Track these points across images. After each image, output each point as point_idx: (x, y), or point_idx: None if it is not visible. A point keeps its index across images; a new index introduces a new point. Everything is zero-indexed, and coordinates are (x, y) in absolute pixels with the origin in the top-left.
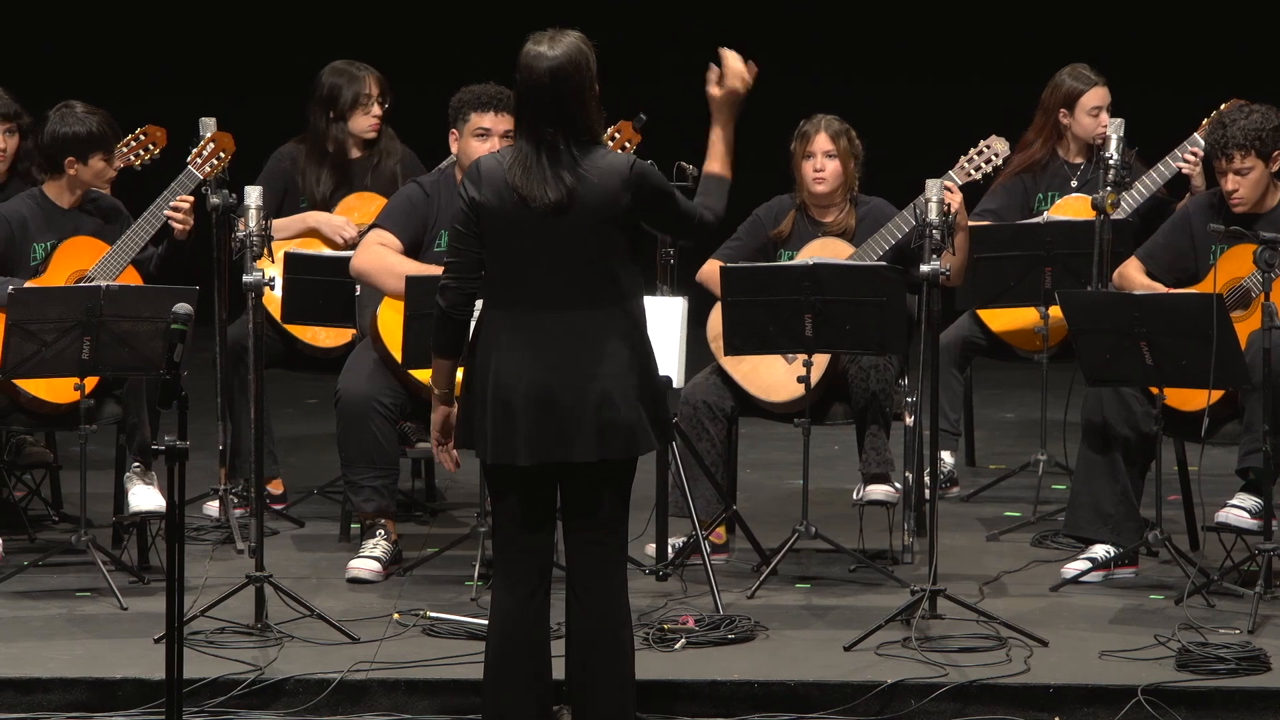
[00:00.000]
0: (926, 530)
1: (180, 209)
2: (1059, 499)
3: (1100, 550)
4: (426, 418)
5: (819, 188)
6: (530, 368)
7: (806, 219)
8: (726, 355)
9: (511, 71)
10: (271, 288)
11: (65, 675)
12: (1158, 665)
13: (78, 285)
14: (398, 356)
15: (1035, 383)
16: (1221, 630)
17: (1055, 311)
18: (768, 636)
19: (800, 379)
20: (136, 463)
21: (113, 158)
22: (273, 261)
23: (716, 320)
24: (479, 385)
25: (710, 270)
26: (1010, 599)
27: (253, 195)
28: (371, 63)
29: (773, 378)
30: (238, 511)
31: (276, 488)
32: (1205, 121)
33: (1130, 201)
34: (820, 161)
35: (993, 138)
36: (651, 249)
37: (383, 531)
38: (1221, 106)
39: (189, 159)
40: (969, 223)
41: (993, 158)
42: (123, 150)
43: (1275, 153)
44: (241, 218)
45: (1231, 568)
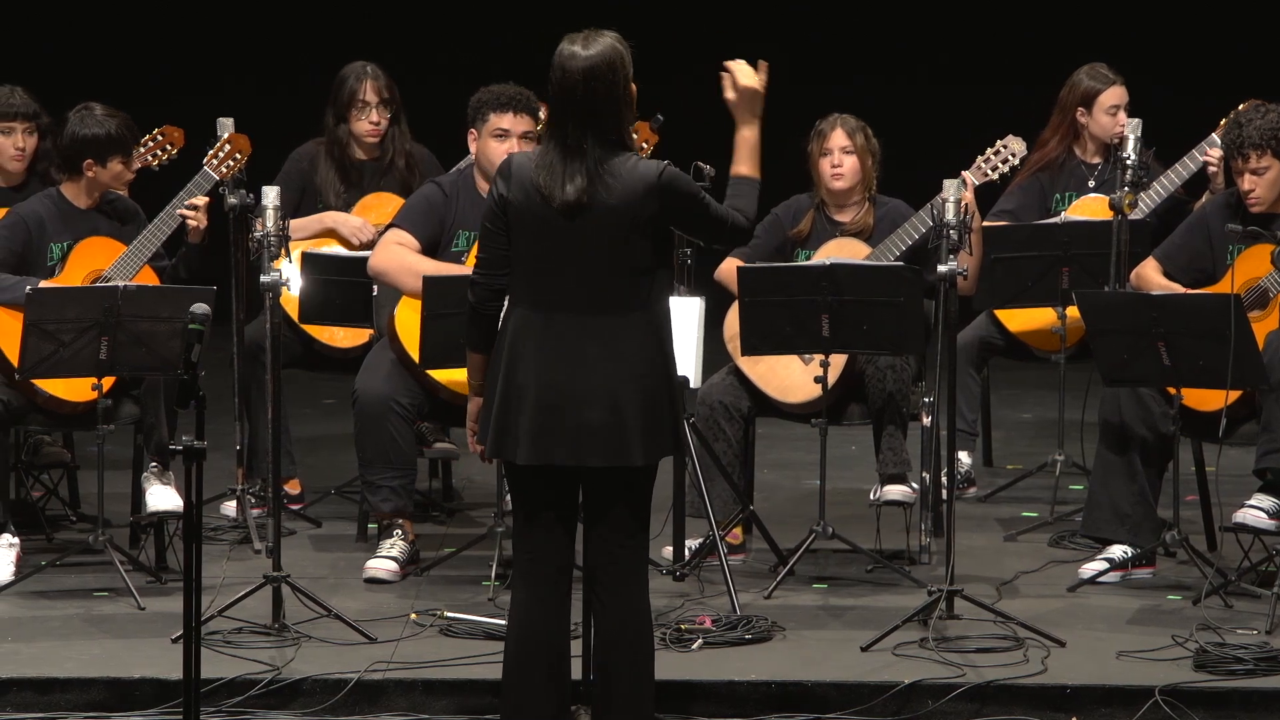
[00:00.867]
0: (944, 531)
1: (195, 208)
2: (1076, 499)
3: (1118, 551)
4: (444, 418)
5: (837, 184)
6: (543, 369)
7: (825, 218)
8: (744, 355)
9: (523, 72)
10: (289, 288)
11: (83, 675)
12: (1175, 666)
13: (95, 285)
14: (415, 356)
15: (1052, 383)
16: (1239, 631)
17: (1073, 312)
18: (785, 637)
19: (817, 379)
20: (154, 463)
21: (131, 160)
22: (290, 261)
23: (733, 320)
24: (492, 381)
25: (728, 269)
26: (1027, 599)
27: (270, 195)
28: (389, 62)
29: (789, 378)
30: (255, 511)
31: (294, 488)
32: (1223, 122)
33: (1148, 202)
34: (838, 158)
35: (1009, 137)
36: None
37: (400, 531)
38: (1239, 107)
39: (205, 160)
40: (984, 223)
41: (1009, 158)
42: (140, 151)
43: None
44: (259, 218)
45: (1249, 568)
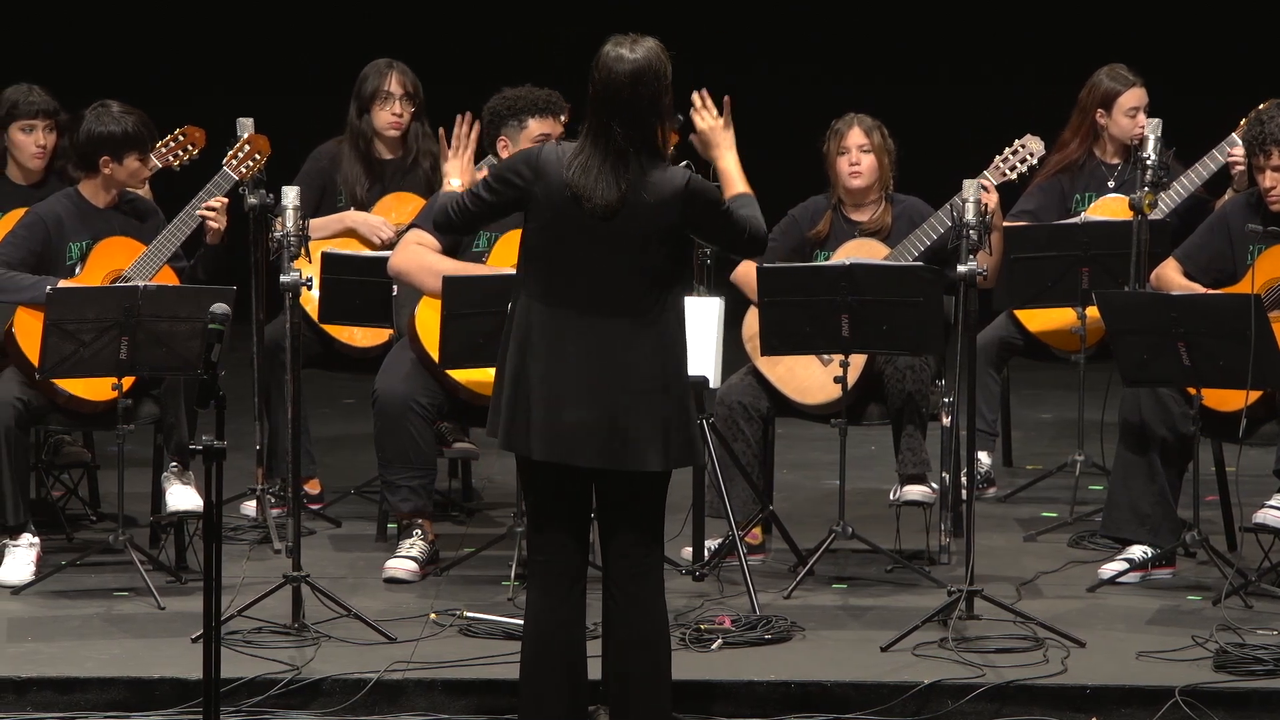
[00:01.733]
0: (963, 531)
1: (214, 208)
2: (1096, 499)
3: (1138, 551)
4: (463, 418)
5: (855, 183)
6: (551, 366)
7: (842, 218)
8: (763, 356)
9: (523, 72)
10: (309, 287)
11: (103, 675)
12: (1195, 666)
13: (115, 285)
14: (435, 357)
15: (1072, 383)
16: (1259, 631)
17: (1093, 312)
18: (804, 637)
19: (836, 379)
20: (174, 462)
21: (148, 158)
22: (310, 261)
23: (752, 321)
24: (500, 371)
25: (745, 271)
26: (1047, 600)
27: (290, 195)
28: (410, 62)
29: (809, 379)
30: (275, 511)
31: (313, 488)
32: (1243, 121)
33: (1168, 202)
34: (855, 156)
35: (1028, 137)
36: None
37: (419, 531)
38: (1260, 105)
39: (224, 160)
40: (1005, 223)
41: (1027, 157)
42: (161, 150)
43: None
44: (279, 218)
45: (1269, 568)
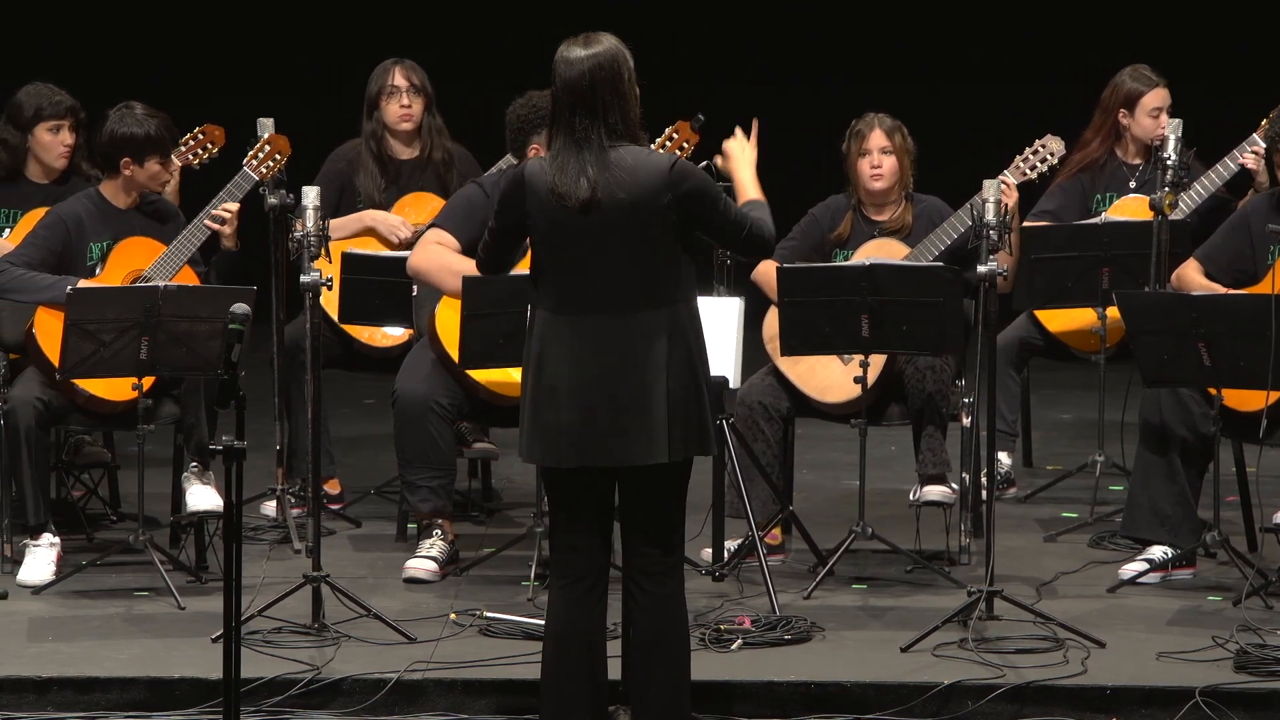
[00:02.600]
0: (983, 531)
1: (221, 218)
2: (1116, 500)
3: (1158, 551)
4: (483, 418)
5: (876, 184)
6: (572, 371)
7: (862, 218)
8: (783, 356)
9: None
10: (328, 288)
11: (123, 675)
12: (1215, 667)
13: (135, 285)
14: (455, 357)
15: (1093, 383)
16: (1279, 631)
17: (1113, 312)
18: (824, 637)
19: (856, 379)
20: (194, 462)
21: (169, 162)
22: (330, 261)
23: (772, 321)
24: (523, 385)
25: (765, 271)
26: (1067, 600)
27: (310, 195)
28: (425, 64)
29: (829, 378)
30: (295, 511)
31: (334, 488)
32: (1264, 121)
33: (1189, 202)
34: (877, 158)
35: (1048, 137)
36: (709, 249)
37: (439, 531)
38: None
39: (245, 160)
40: (1026, 223)
41: (1048, 157)
42: (181, 150)
43: None
44: (299, 218)
45: None
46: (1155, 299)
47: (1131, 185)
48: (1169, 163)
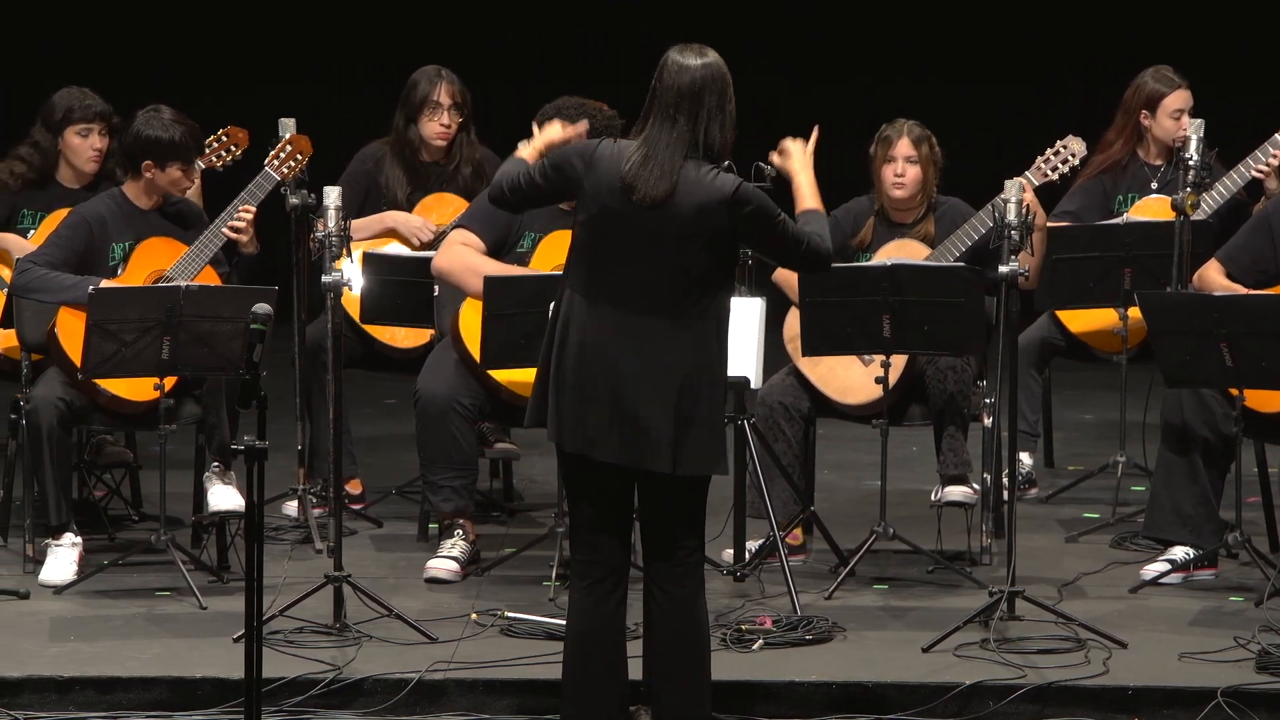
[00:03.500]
0: (1005, 532)
1: (237, 226)
2: (1138, 500)
3: (1180, 552)
4: (505, 418)
5: (897, 193)
6: (586, 361)
7: (884, 224)
8: (804, 356)
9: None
10: (350, 288)
11: (145, 674)
12: (1237, 667)
13: (157, 285)
14: (478, 357)
15: (1114, 384)
16: None
17: (1134, 313)
18: (845, 637)
19: (878, 380)
20: (216, 462)
21: (191, 169)
22: (352, 261)
23: (794, 321)
24: (544, 364)
25: (786, 272)
26: (1089, 601)
27: (332, 196)
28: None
29: (850, 379)
30: (316, 511)
31: (355, 488)
32: None
33: (1210, 203)
34: (901, 166)
35: (1070, 137)
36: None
37: (461, 531)
38: None
39: (266, 161)
40: (1048, 223)
41: (1069, 158)
42: (205, 151)
43: None
44: (321, 218)
45: None
46: (1177, 299)
47: (1153, 186)
48: (1191, 163)
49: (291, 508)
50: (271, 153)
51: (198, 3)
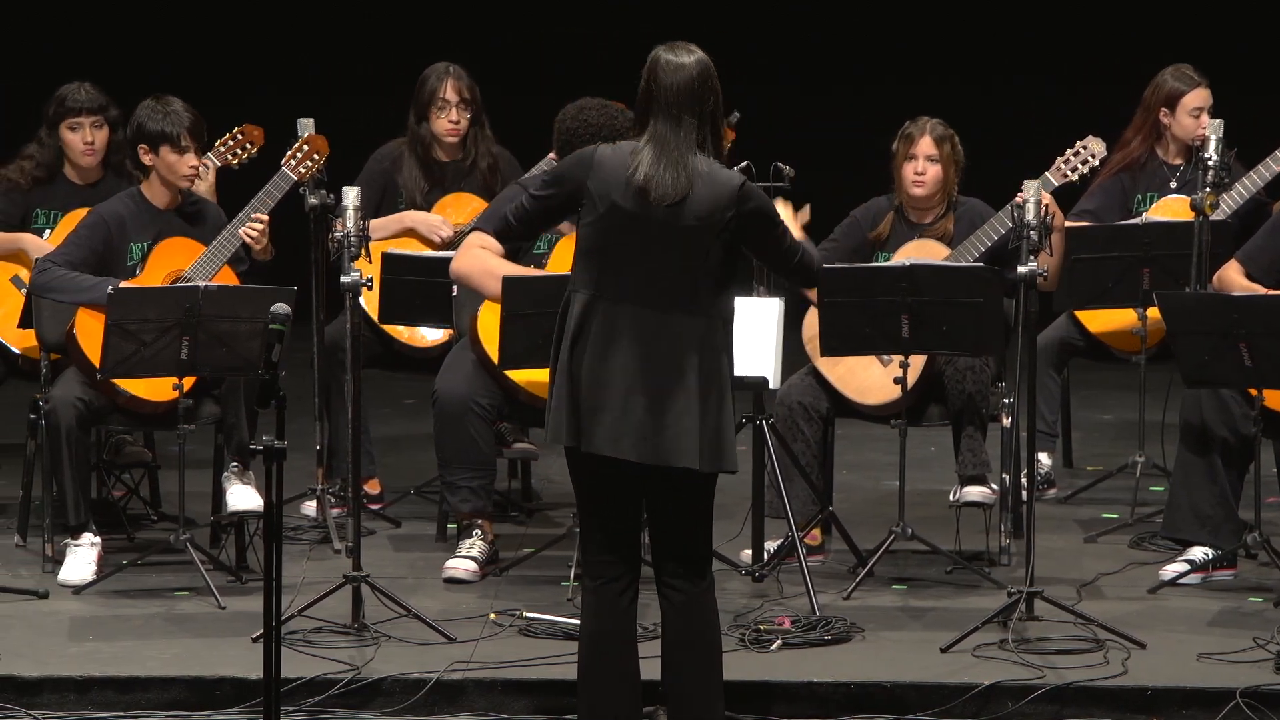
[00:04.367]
0: (1024, 532)
1: (251, 233)
2: (1157, 501)
3: (1198, 552)
4: (523, 419)
5: (917, 190)
6: (593, 358)
7: (904, 221)
8: (823, 356)
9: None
10: (369, 288)
11: (163, 674)
12: (1256, 668)
13: (176, 285)
14: (496, 358)
15: (1133, 384)
16: None
17: (1153, 313)
18: (864, 638)
19: (896, 380)
20: (234, 462)
21: (189, 156)
22: (370, 262)
23: (812, 321)
24: (554, 367)
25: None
26: (1108, 601)
27: (350, 196)
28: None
29: (868, 379)
30: (335, 511)
31: (373, 488)
32: None
33: (1230, 203)
34: (922, 165)
35: (1089, 138)
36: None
37: (479, 532)
38: None
39: (283, 161)
40: (1066, 223)
41: (1089, 159)
42: (220, 149)
43: None
44: (339, 218)
45: None
46: (1196, 299)
47: (1172, 185)
48: (1210, 163)
49: (310, 508)
50: (288, 153)
51: (198, 3)
